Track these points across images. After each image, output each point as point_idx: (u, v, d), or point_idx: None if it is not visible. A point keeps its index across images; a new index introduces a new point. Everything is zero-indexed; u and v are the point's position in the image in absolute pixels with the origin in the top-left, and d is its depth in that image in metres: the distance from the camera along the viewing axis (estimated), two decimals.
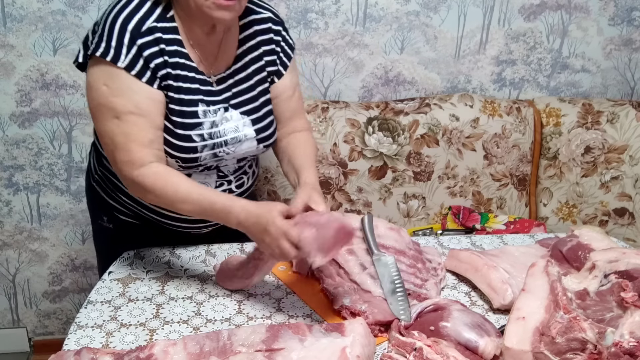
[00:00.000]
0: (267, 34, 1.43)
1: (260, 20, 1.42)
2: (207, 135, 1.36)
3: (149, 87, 1.27)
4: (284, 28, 1.46)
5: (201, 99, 1.34)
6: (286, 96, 1.48)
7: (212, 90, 1.37)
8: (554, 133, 2.29)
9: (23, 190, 2.30)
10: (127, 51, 1.24)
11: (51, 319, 2.53)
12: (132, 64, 1.25)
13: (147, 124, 1.27)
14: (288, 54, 1.47)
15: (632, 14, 2.32)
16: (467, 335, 1.15)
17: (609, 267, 1.14)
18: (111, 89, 1.26)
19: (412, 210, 2.27)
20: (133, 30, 1.25)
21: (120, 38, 1.24)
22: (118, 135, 1.27)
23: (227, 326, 1.28)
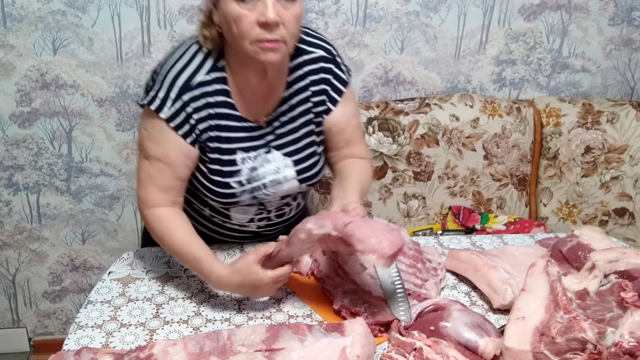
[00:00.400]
0: (318, 74, 1.43)
1: (311, 60, 1.42)
2: (245, 181, 1.41)
3: (182, 141, 1.34)
4: (335, 64, 1.45)
5: (239, 147, 1.39)
6: (339, 129, 1.47)
7: (253, 136, 1.40)
8: (554, 133, 2.29)
9: (23, 190, 2.30)
10: (171, 104, 1.32)
11: (51, 319, 2.53)
12: (173, 117, 1.32)
13: (171, 172, 1.36)
14: (338, 89, 1.46)
15: (632, 14, 2.32)
16: (467, 335, 1.15)
17: (609, 267, 1.14)
18: (149, 134, 1.36)
19: (412, 210, 2.27)
20: (182, 86, 1.32)
21: (168, 91, 1.32)
22: (143, 173, 1.39)
23: (227, 326, 1.28)
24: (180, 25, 2.13)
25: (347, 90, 1.47)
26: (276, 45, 1.24)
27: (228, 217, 1.51)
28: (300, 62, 1.41)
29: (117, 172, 2.31)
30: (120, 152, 2.28)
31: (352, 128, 1.50)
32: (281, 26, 1.23)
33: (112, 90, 2.19)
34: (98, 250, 2.43)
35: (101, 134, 2.25)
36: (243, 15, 1.21)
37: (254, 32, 1.22)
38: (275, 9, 1.20)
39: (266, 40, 1.22)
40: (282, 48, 1.26)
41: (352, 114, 1.50)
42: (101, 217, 2.38)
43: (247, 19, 1.21)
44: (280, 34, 1.23)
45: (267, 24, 1.20)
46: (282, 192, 1.47)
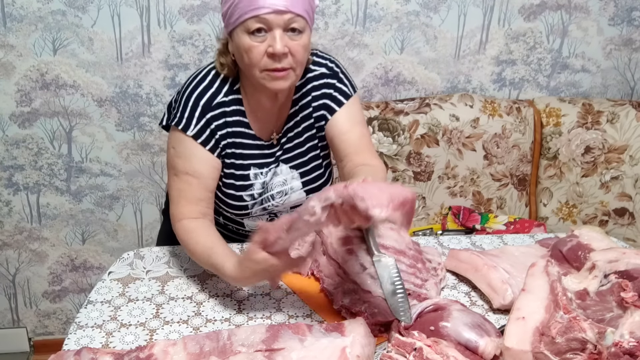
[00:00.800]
0: (320, 90, 1.50)
1: (314, 77, 1.49)
2: (257, 195, 1.51)
3: (209, 154, 1.43)
4: (337, 79, 1.51)
5: (254, 163, 1.49)
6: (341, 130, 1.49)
7: (265, 154, 1.49)
8: (554, 133, 2.29)
9: (23, 190, 2.30)
10: (196, 122, 1.42)
11: (51, 319, 2.53)
12: (199, 134, 1.42)
13: (200, 185, 1.42)
14: (338, 100, 1.50)
15: (632, 14, 2.32)
16: (467, 335, 1.15)
17: (609, 267, 1.14)
18: (177, 151, 1.44)
19: None
20: (205, 105, 1.42)
21: (193, 111, 1.42)
22: (174, 190, 1.44)
23: (227, 326, 1.28)
24: (180, 25, 2.14)
25: (348, 102, 1.51)
26: (284, 74, 1.33)
27: (242, 225, 1.59)
28: (304, 81, 1.49)
29: (117, 172, 2.31)
30: (120, 152, 2.28)
31: (357, 134, 1.51)
32: (289, 56, 1.32)
33: (112, 90, 2.19)
34: (98, 250, 2.43)
35: (101, 134, 2.25)
36: (254, 47, 1.31)
37: (264, 61, 1.32)
38: (283, 41, 1.30)
39: (274, 69, 1.32)
40: (290, 75, 1.35)
41: (357, 121, 1.53)
42: (101, 217, 2.38)
43: (257, 49, 1.31)
44: (289, 63, 1.32)
45: (275, 55, 1.30)
46: (290, 203, 1.55)
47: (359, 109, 1.56)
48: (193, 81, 1.46)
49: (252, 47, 1.31)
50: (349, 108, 1.51)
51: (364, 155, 1.49)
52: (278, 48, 1.29)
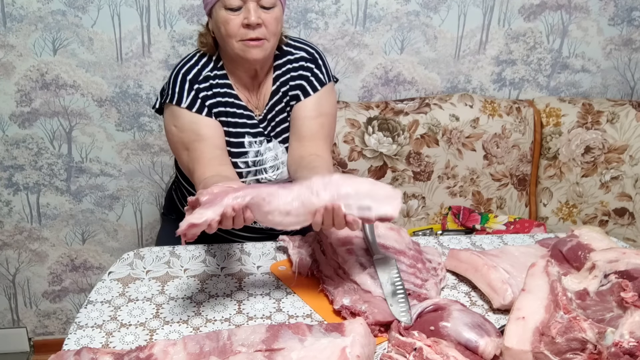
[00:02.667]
0: (297, 71, 1.61)
1: (294, 60, 1.61)
2: (251, 163, 1.59)
3: (207, 118, 1.53)
4: (316, 65, 1.62)
5: (247, 132, 1.58)
6: (306, 115, 1.59)
7: (256, 124, 1.59)
8: (554, 133, 2.29)
9: (23, 190, 2.30)
10: (187, 95, 1.52)
11: (51, 319, 2.53)
12: (192, 104, 1.52)
13: (208, 146, 1.51)
14: (314, 84, 1.60)
15: (632, 14, 2.32)
16: (467, 335, 1.15)
17: (609, 267, 1.14)
18: (178, 127, 1.53)
19: (412, 210, 2.27)
20: (192, 78, 1.54)
21: (182, 85, 1.53)
22: (189, 162, 1.52)
23: (227, 326, 1.28)
24: (180, 25, 2.14)
25: (322, 90, 1.61)
26: (259, 42, 1.47)
27: None
28: (284, 61, 1.61)
29: (117, 172, 2.31)
30: (120, 152, 2.28)
31: (321, 123, 1.60)
32: (263, 27, 1.46)
33: (112, 90, 2.19)
34: (98, 250, 2.43)
35: (101, 134, 2.25)
36: (231, 19, 1.45)
37: (240, 32, 1.45)
38: (256, 13, 1.44)
39: (250, 38, 1.45)
40: (264, 45, 1.48)
41: (327, 112, 1.62)
42: (101, 217, 2.38)
43: (234, 21, 1.45)
44: (262, 33, 1.46)
45: (250, 25, 1.44)
46: (283, 178, 1.62)
47: (330, 100, 1.64)
48: (180, 62, 1.58)
49: (229, 20, 1.45)
50: (319, 96, 1.61)
51: (317, 145, 1.58)
52: (252, 19, 1.43)
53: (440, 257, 1.48)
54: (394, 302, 1.27)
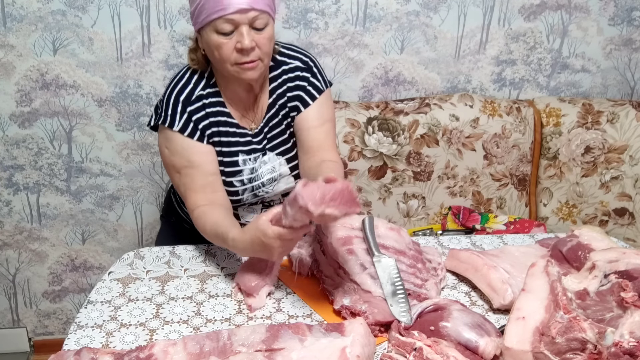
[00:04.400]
0: (294, 81, 1.58)
1: (289, 70, 1.58)
2: (246, 180, 1.57)
3: (199, 144, 1.50)
4: (312, 74, 1.59)
5: (241, 150, 1.55)
6: (310, 125, 1.58)
7: (251, 141, 1.56)
8: (554, 133, 2.29)
9: (23, 190, 2.30)
10: (179, 117, 1.49)
11: (51, 319, 2.53)
12: (184, 127, 1.49)
13: (200, 173, 1.49)
14: (312, 94, 1.58)
15: (632, 14, 2.32)
16: (467, 335, 1.15)
17: (609, 267, 1.14)
18: (170, 150, 1.51)
19: (412, 210, 2.27)
20: (184, 100, 1.50)
21: (175, 108, 1.49)
22: (180, 186, 1.51)
23: (227, 326, 1.28)
24: (180, 25, 2.14)
25: (320, 97, 1.59)
26: (254, 64, 1.43)
27: (237, 217, 1.60)
28: (279, 72, 1.57)
29: (117, 172, 2.31)
30: (120, 152, 2.28)
31: (326, 130, 1.60)
32: (256, 48, 1.41)
33: (112, 90, 2.19)
34: (98, 250, 2.43)
35: (101, 134, 2.25)
36: (223, 44, 1.40)
37: (234, 56, 1.41)
38: (249, 36, 1.39)
39: (244, 62, 1.41)
40: (259, 66, 1.44)
41: (328, 118, 1.61)
42: (101, 217, 2.38)
43: (227, 46, 1.40)
44: (256, 55, 1.42)
45: (244, 50, 1.40)
46: (281, 189, 1.61)
47: (329, 105, 1.63)
48: (172, 81, 1.54)
49: (221, 44, 1.40)
50: (320, 104, 1.59)
51: (326, 152, 1.58)
52: (246, 44, 1.39)
53: (440, 257, 1.48)
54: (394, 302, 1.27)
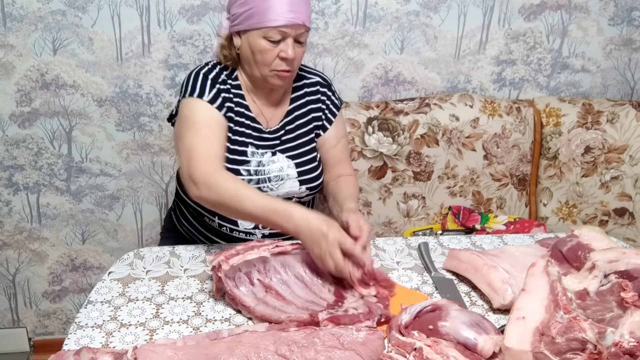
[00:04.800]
0: (315, 95, 1.72)
1: (310, 83, 1.73)
2: (253, 171, 1.62)
3: (221, 116, 1.57)
4: (330, 90, 1.75)
5: (251, 142, 1.62)
6: (329, 145, 1.74)
7: (263, 137, 1.64)
8: (554, 133, 2.29)
9: (23, 190, 2.30)
10: (209, 90, 1.57)
11: (51, 319, 2.53)
12: (214, 99, 1.57)
13: (218, 140, 1.54)
14: (333, 111, 1.74)
15: (632, 14, 2.32)
16: (466, 333, 1.15)
17: (609, 267, 1.14)
18: (194, 112, 1.56)
19: (412, 210, 2.27)
20: (213, 78, 1.59)
21: (204, 82, 1.58)
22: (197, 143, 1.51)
23: (227, 326, 1.28)
24: (180, 25, 2.14)
25: (339, 114, 1.76)
26: (289, 74, 1.57)
27: (236, 224, 1.64)
28: (301, 85, 1.72)
29: (117, 172, 2.31)
30: (120, 152, 2.28)
31: (341, 147, 1.77)
32: (294, 60, 1.55)
33: (112, 90, 2.19)
34: (98, 250, 2.43)
35: (101, 134, 2.25)
36: (268, 50, 1.52)
37: (275, 63, 1.54)
38: (293, 48, 1.53)
39: (282, 70, 1.55)
40: (291, 76, 1.59)
41: (342, 135, 1.78)
42: (101, 217, 2.38)
43: (272, 52, 1.52)
44: (292, 66, 1.56)
45: (286, 59, 1.53)
46: (285, 190, 1.65)
47: (343, 122, 1.81)
48: (196, 68, 1.63)
49: (267, 50, 1.52)
50: (337, 123, 1.75)
51: (342, 167, 1.76)
52: (290, 54, 1.52)
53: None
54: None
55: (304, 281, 1.38)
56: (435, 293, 1.41)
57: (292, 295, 1.34)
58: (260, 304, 1.29)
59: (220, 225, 1.67)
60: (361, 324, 1.22)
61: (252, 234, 1.66)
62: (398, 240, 1.67)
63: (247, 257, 1.33)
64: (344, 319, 1.24)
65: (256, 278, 1.35)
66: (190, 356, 1.05)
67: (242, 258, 1.33)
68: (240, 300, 1.29)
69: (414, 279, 1.47)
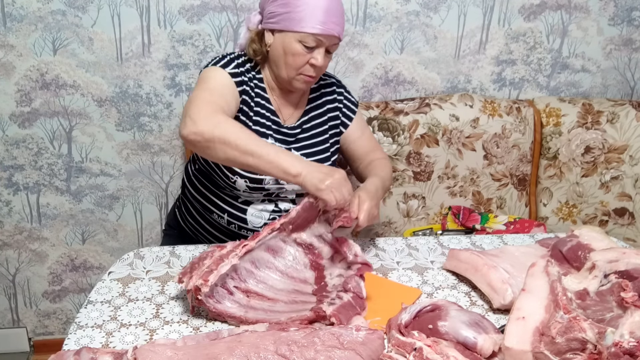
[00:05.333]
0: (331, 95, 1.77)
1: (326, 84, 1.78)
2: None
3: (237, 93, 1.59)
4: (345, 90, 1.81)
5: (271, 134, 1.65)
6: (355, 137, 1.79)
7: (281, 131, 1.68)
8: (554, 133, 2.29)
9: (23, 190, 2.30)
10: (235, 66, 1.61)
11: (51, 319, 2.53)
12: (235, 74, 1.59)
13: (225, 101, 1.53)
14: (351, 108, 1.79)
15: (632, 14, 2.32)
16: (465, 332, 1.15)
17: (609, 267, 1.14)
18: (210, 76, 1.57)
19: (412, 210, 2.27)
20: (238, 63, 1.62)
21: (232, 59, 1.62)
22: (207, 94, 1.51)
23: (227, 326, 1.28)
24: (180, 25, 2.14)
25: (358, 111, 1.82)
26: (312, 80, 1.62)
27: (244, 222, 1.65)
28: (317, 86, 1.76)
29: (117, 172, 2.31)
30: (120, 152, 2.28)
31: (367, 137, 1.82)
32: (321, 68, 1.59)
33: (112, 90, 2.19)
34: (98, 250, 2.43)
35: (101, 134, 2.25)
36: (301, 54, 1.56)
37: (304, 67, 1.58)
38: (322, 57, 1.57)
39: (309, 75, 1.59)
40: (314, 82, 1.64)
41: (365, 127, 1.85)
42: (101, 217, 2.38)
43: (303, 57, 1.56)
44: (317, 73, 1.61)
45: (315, 66, 1.57)
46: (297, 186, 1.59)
47: (362, 116, 1.87)
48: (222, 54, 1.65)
49: (300, 54, 1.55)
50: (357, 119, 1.80)
51: (373, 153, 1.80)
52: (320, 62, 1.56)
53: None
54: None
55: (279, 269, 1.37)
56: (435, 293, 1.42)
57: (274, 292, 1.33)
58: (249, 311, 1.27)
59: (229, 222, 1.67)
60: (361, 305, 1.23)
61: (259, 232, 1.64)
62: (398, 240, 1.67)
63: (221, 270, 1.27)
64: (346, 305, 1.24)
65: (232, 286, 1.31)
66: (190, 356, 1.05)
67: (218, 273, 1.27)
68: (227, 314, 1.26)
69: (414, 279, 1.47)
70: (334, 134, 1.76)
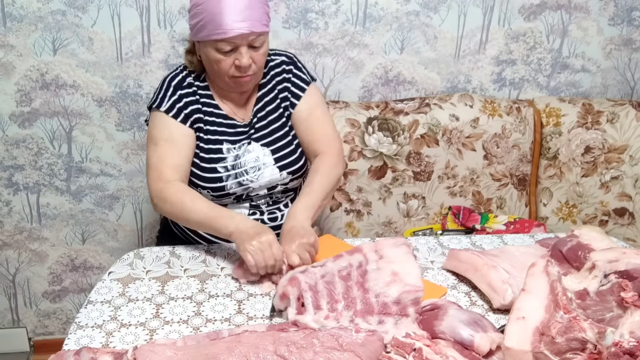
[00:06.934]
0: (280, 75, 1.70)
1: (275, 65, 1.70)
2: (230, 167, 1.63)
3: (182, 125, 1.60)
4: (295, 66, 1.71)
5: (226, 139, 1.64)
6: (302, 118, 1.70)
7: (237, 132, 1.66)
8: (554, 133, 2.29)
9: (23, 190, 2.30)
10: (168, 99, 1.60)
11: (51, 319, 2.53)
12: (170, 108, 1.59)
13: (176, 151, 1.58)
14: (299, 85, 1.70)
15: (632, 14, 2.32)
16: (462, 331, 1.15)
17: (609, 267, 1.14)
18: (154, 124, 1.61)
19: (412, 210, 2.27)
20: (176, 84, 1.62)
21: (166, 91, 1.61)
22: (153, 157, 1.58)
23: (227, 326, 1.28)
24: (180, 25, 2.14)
25: (309, 88, 1.71)
26: (249, 78, 1.57)
27: None
28: (267, 70, 1.69)
29: (117, 172, 2.31)
30: (120, 152, 2.28)
31: (316, 120, 1.71)
32: (252, 64, 1.54)
33: (112, 90, 2.19)
34: (98, 250, 2.43)
35: (101, 134, 2.25)
36: (222, 60, 1.52)
37: (231, 71, 1.54)
38: (247, 55, 1.51)
39: (242, 76, 1.55)
40: (253, 79, 1.59)
41: (316, 107, 1.71)
42: (101, 217, 2.38)
43: (226, 62, 1.53)
44: (252, 70, 1.55)
45: (242, 67, 1.52)
46: (266, 180, 1.66)
47: (318, 95, 1.74)
48: (168, 73, 1.67)
49: (220, 60, 1.52)
50: (307, 96, 1.70)
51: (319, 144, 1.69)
52: (244, 62, 1.51)
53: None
54: None
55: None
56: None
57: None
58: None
59: None
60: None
61: None
62: None
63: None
64: None
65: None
66: (190, 356, 1.05)
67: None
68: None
69: None
70: (288, 115, 1.70)
